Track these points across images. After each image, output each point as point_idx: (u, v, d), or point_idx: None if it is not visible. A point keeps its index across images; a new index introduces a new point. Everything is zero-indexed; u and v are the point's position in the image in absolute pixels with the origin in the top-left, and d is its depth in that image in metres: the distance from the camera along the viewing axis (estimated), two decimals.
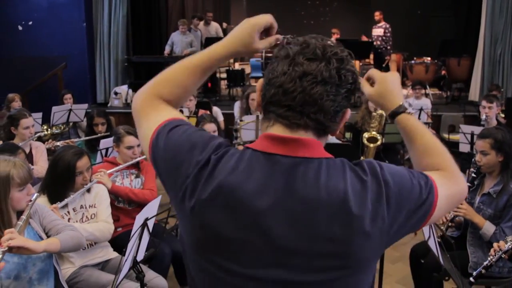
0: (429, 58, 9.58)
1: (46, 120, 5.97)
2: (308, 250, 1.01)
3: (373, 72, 1.32)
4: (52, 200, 2.68)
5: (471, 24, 10.07)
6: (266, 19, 1.25)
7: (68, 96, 6.89)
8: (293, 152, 1.04)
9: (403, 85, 11.57)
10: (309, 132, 1.07)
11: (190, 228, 1.08)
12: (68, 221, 2.70)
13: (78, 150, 2.82)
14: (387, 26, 9.92)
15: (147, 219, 2.26)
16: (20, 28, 9.00)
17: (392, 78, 1.30)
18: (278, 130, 1.07)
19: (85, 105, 6.50)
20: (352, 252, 1.02)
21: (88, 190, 2.86)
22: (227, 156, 1.06)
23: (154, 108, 1.21)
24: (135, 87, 9.01)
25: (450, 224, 3.11)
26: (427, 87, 9.17)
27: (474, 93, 8.76)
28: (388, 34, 9.90)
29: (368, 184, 1.03)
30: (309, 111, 1.04)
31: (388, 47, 9.98)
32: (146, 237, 2.32)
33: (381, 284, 3.37)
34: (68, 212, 2.76)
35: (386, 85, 1.29)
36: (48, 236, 2.21)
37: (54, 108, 5.98)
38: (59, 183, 2.71)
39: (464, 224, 3.11)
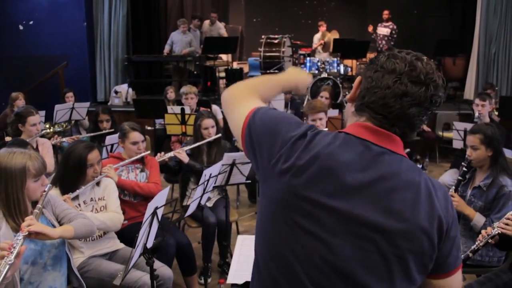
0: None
1: (47, 118, 6.08)
2: (382, 223, 1.17)
3: None
4: (64, 192, 2.80)
5: (466, 24, 10.22)
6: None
7: (70, 94, 7.01)
8: (382, 143, 1.23)
9: None
10: (396, 135, 1.25)
11: (276, 189, 1.24)
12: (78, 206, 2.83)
13: (89, 144, 2.95)
14: (395, 27, 10.02)
15: (156, 208, 2.39)
16: (21, 27, 9.11)
17: None
18: (371, 124, 1.25)
19: (87, 104, 6.62)
20: (413, 230, 1.18)
21: (98, 184, 2.99)
22: (322, 134, 1.25)
23: (251, 96, 1.43)
24: (135, 86, 9.14)
25: None
26: None
27: (469, 92, 8.91)
28: (395, 36, 10.01)
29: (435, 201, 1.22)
30: (401, 125, 1.23)
31: (392, 46, 10.12)
32: (155, 225, 2.45)
33: None
34: (79, 204, 2.88)
35: None
36: (60, 224, 2.33)
37: (57, 106, 6.10)
38: (71, 175, 2.83)
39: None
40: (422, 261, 1.20)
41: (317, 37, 10.79)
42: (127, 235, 3.16)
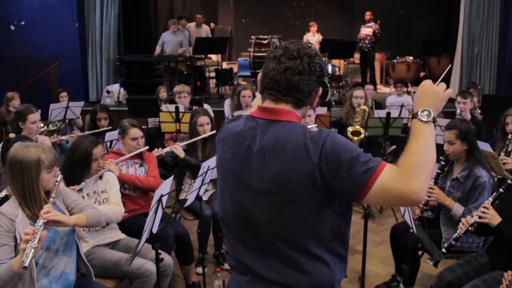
0: (411, 57, 9.97)
1: (41, 117, 6.18)
2: (259, 186, 1.52)
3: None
4: (68, 185, 2.95)
5: (450, 25, 10.48)
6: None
7: (64, 94, 7.13)
8: (265, 116, 1.58)
9: (386, 83, 11.99)
10: (289, 105, 1.58)
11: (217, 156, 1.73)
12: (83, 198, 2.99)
13: (94, 139, 3.12)
14: (377, 27, 10.26)
15: (162, 196, 2.56)
16: (12, 28, 9.18)
17: (423, 87, 1.59)
18: (266, 103, 1.61)
19: (81, 103, 6.74)
20: (290, 180, 1.47)
21: (100, 177, 3.15)
22: (234, 120, 1.70)
23: None
24: (126, 86, 9.26)
25: (425, 207, 3.46)
26: (409, 85, 9.55)
27: (453, 91, 9.17)
28: (378, 35, 10.25)
29: (309, 145, 1.46)
30: (291, 92, 1.56)
31: (375, 46, 10.37)
32: (160, 212, 2.62)
33: (364, 264, 3.70)
34: (83, 197, 3.03)
35: (418, 92, 1.60)
36: (71, 214, 2.50)
37: (52, 106, 6.22)
38: (77, 168, 3.00)
39: (438, 207, 3.46)
40: (306, 200, 1.47)
41: (305, 38, 11.06)
42: (128, 226, 3.34)
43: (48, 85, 8.70)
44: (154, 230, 2.59)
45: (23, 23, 9.14)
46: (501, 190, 2.77)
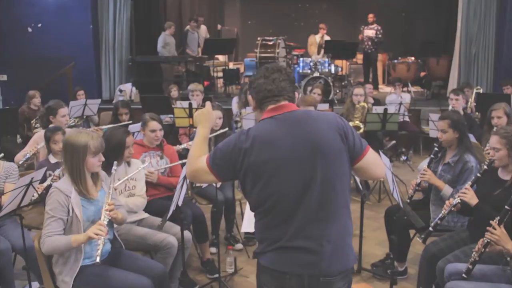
0: (412, 58, 10.32)
1: None
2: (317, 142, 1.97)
3: None
4: (104, 169, 3.35)
5: (450, 26, 10.82)
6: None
7: (81, 92, 7.57)
8: (281, 111, 2.05)
9: (388, 83, 12.35)
10: (286, 101, 2.08)
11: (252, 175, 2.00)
12: (114, 190, 3.42)
13: (126, 130, 3.55)
14: (379, 28, 10.61)
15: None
16: (29, 30, 9.62)
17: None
18: (270, 107, 2.07)
19: (98, 100, 7.17)
20: (331, 138, 2.00)
21: (129, 164, 3.57)
22: (252, 129, 2.04)
23: (198, 157, 2.13)
24: (138, 85, 9.66)
25: (417, 188, 3.83)
26: (409, 84, 9.95)
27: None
28: (380, 36, 10.61)
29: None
30: (284, 93, 2.07)
31: (378, 48, 10.73)
32: (185, 188, 3.04)
33: (361, 247, 4.11)
34: (114, 180, 3.44)
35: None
36: None
37: (72, 103, 6.64)
38: (111, 155, 3.37)
39: (428, 190, 3.84)
40: (344, 156, 2.01)
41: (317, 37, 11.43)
42: (150, 208, 3.74)
43: (64, 85, 9.11)
44: (180, 203, 3.01)
45: (40, 25, 9.58)
46: (478, 174, 3.16)
